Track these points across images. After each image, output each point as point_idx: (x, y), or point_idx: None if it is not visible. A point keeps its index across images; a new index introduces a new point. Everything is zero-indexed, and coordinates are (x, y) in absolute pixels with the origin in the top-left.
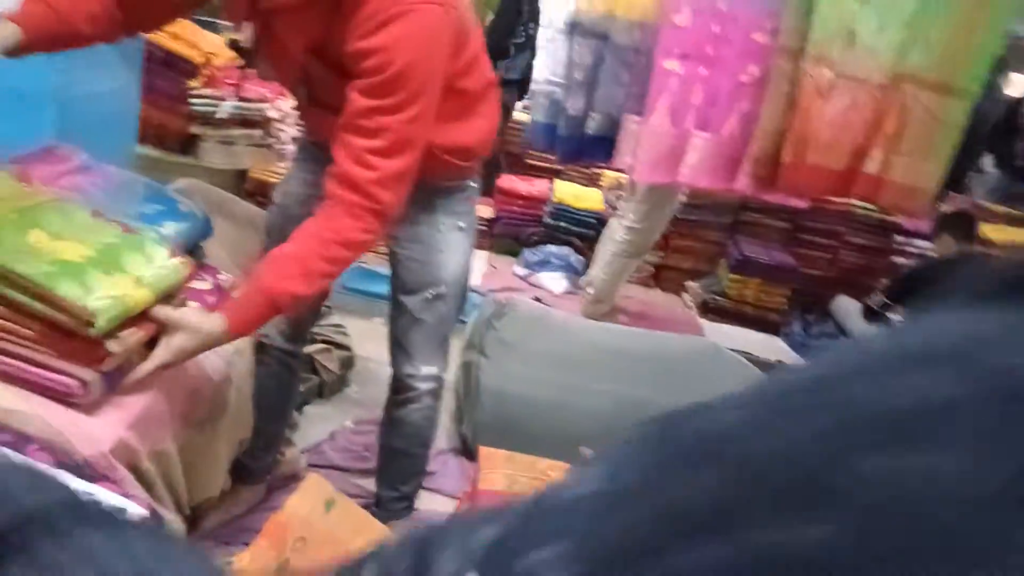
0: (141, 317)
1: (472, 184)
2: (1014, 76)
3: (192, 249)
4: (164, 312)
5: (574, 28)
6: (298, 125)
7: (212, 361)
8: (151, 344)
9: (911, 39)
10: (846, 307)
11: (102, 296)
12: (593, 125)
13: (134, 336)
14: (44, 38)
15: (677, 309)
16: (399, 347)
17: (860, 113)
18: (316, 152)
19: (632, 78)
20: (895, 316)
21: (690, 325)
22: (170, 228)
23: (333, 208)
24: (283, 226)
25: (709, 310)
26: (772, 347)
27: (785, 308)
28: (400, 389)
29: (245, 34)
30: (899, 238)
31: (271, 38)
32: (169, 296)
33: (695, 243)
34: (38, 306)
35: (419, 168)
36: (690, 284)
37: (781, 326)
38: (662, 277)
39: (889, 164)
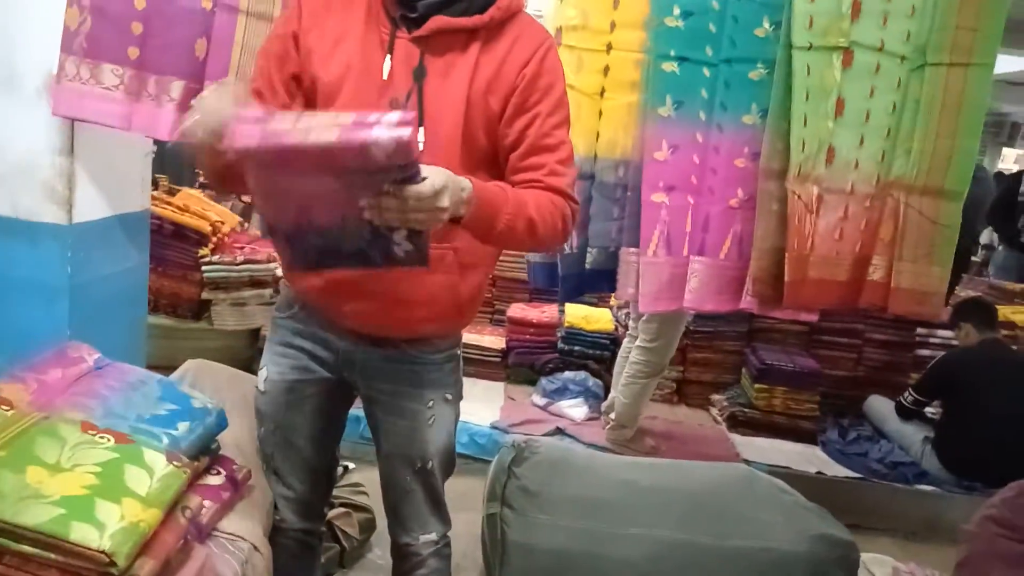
0: (152, 539)
1: (458, 352)
2: (1006, 151)
3: (207, 444)
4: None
5: None
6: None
7: (228, 562)
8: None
9: (891, 150)
10: (879, 407)
11: (115, 531)
12: (591, 260)
13: (146, 567)
14: None
15: (705, 425)
16: (394, 516)
17: (853, 223)
18: (293, 325)
19: (621, 212)
20: (930, 411)
21: (721, 442)
22: (184, 428)
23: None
24: (274, 414)
25: (739, 423)
26: (810, 457)
27: (817, 414)
28: (402, 558)
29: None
30: (921, 330)
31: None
32: (175, 503)
33: (713, 355)
34: (51, 556)
35: (419, 331)
36: (715, 397)
37: (816, 433)
38: (685, 392)
39: (894, 271)
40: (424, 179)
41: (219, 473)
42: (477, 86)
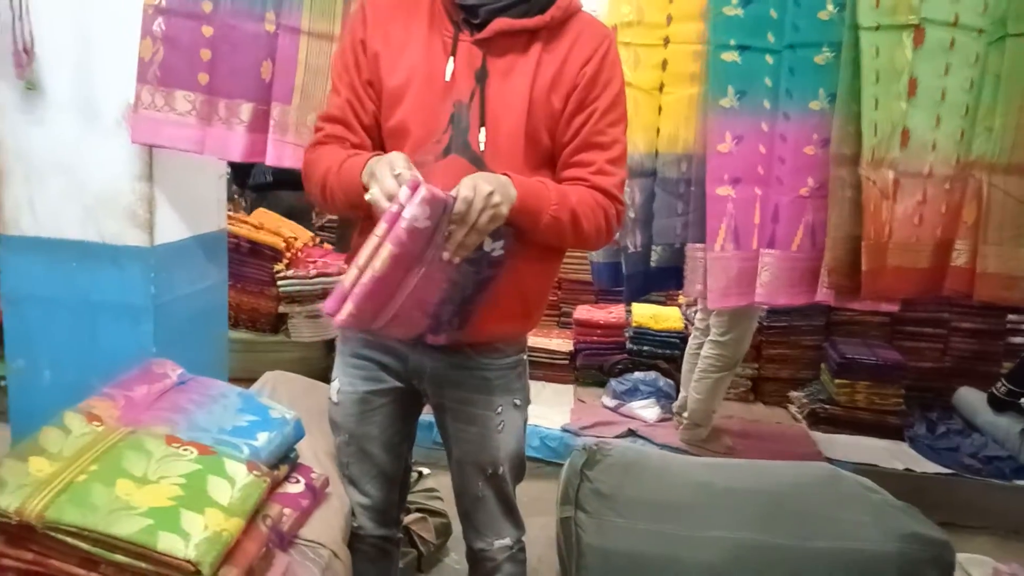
0: (235, 548)
1: (524, 358)
2: None
3: (286, 453)
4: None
5: None
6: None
7: (309, 569)
8: None
9: (970, 128)
10: (970, 399)
11: (199, 540)
12: (656, 258)
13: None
14: None
15: (784, 423)
16: (467, 522)
17: (933, 207)
18: (362, 337)
19: (686, 208)
20: None
21: (801, 440)
22: (263, 438)
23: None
24: (348, 425)
25: (820, 420)
26: (897, 453)
27: (903, 408)
28: (478, 563)
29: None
30: (1012, 317)
31: (488, 82)
32: (257, 511)
33: (789, 350)
34: (141, 565)
35: (486, 334)
36: (793, 394)
37: (903, 429)
38: (761, 390)
39: (979, 255)
40: (454, 199)
41: (298, 481)
42: (540, 85)
